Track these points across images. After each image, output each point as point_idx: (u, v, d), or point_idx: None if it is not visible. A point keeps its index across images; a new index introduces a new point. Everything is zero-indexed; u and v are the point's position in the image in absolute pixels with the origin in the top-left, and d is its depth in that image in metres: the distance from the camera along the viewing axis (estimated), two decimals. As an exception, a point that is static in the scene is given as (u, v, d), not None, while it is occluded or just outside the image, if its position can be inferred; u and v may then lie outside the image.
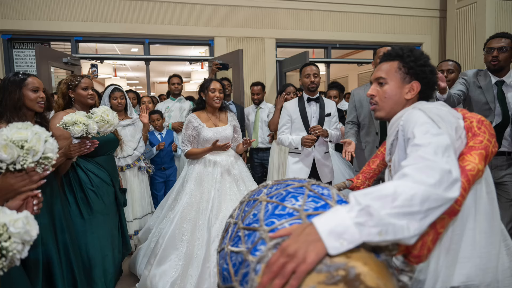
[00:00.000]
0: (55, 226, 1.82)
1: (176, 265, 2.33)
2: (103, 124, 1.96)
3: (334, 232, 0.73)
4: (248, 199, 0.99)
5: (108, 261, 2.22)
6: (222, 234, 0.99)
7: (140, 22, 4.89)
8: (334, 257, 0.72)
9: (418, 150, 0.91)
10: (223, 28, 5.18)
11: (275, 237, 0.79)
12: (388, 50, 1.29)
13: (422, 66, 1.20)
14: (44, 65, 4.16)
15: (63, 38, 4.87)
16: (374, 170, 1.68)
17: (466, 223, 1.11)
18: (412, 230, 0.76)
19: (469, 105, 2.62)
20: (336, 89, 4.18)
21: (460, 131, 1.12)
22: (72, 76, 2.28)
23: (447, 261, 1.10)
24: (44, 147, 1.17)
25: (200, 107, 2.73)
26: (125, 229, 2.49)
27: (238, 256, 0.85)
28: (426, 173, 0.82)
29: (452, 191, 0.83)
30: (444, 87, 2.02)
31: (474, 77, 2.60)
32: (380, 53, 2.61)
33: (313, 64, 2.89)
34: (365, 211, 0.75)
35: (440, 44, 6.06)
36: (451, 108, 1.18)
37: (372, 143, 2.69)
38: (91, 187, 2.18)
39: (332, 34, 5.62)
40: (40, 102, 1.83)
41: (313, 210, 0.86)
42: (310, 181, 1.00)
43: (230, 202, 2.48)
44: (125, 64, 8.73)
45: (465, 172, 1.04)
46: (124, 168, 3.07)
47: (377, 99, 1.26)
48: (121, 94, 3.09)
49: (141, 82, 12.13)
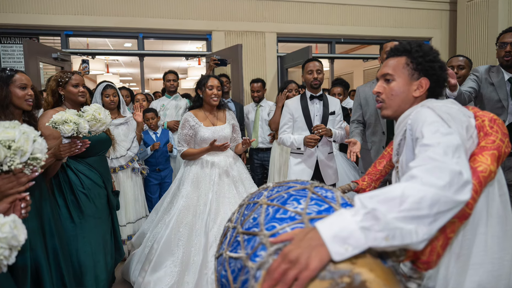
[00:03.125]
0: (44, 230, 1.81)
1: (172, 272, 2.33)
2: (95, 123, 1.95)
3: (339, 237, 0.73)
4: (248, 202, 1.00)
5: (100, 268, 2.22)
6: (220, 239, 0.99)
7: (134, 16, 4.89)
8: (338, 263, 0.72)
9: (427, 150, 0.91)
10: (221, 21, 5.18)
11: (276, 242, 0.79)
12: (396, 45, 1.29)
13: (431, 61, 1.20)
14: (32, 61, 4.16)
15: (52, 32, 4.87)
16: (381, 172, 1.68)
17: (478, 227, 1.11)
18: (420, 235, 0.76)
19: (480, 103, 2.62)
20: (340, 86, 4.18)
21: (471, 130, 1.12)
22: (62, 73, 2.28)
23: (458, 268, 1.10)
24: (32, 147, 1.17)
25: (197, 105, 2.73)
26: (118, 234, 2.49)
27: (237, 262, 0.85)
28: (436, 175, 0.82)
29: (463, 194, 0.83)
30: (455, 84, 2.02)
31: (486, 73, 2.60)
32: (387, 48, 2.61)
33: (316, 60, 2.89)
34: (371, 214, 0.75)
35: (450, 39, 6.06)
36: (461, 106, 1.18)
37: (378, 143, 2.69)
38: (82, 189, 2.18)
39: (337, 28, 5.62)
40: (28, 99, 1.83)
41: (316, 213, 0.86)
42: (313, 183, 1.00)
43: (228, 205, 2.48)
44: (118, 59, 8.73)
45: (477, 173, 1.04)
46: (117, 170, 3.07)
47: (383, 96, 1.26)
48: (114, 91, 3.09)
49: (135, 78, 12.14)
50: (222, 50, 4.88)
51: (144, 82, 5.60)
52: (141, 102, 4.09)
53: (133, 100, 4.25)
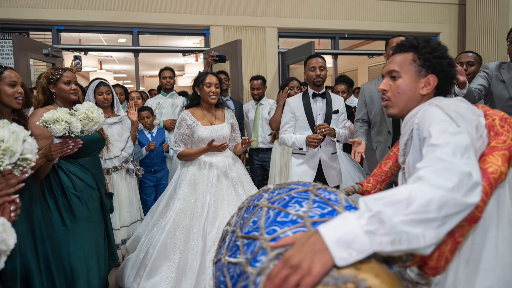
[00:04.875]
0: (34, 234, 1.82)
1: (168, 278, 2.34)
2: (88, 122, 1.96)
3: (342, 241, 0.73)
4: (248, 205, 1.00)
5: (93, 273, 2.22)
6: (218, 244, 0.99)
7: (128, 10, 4.88)
8: (342, 269, 0.72)
9: (434, 150, 0.92)
10: (219, 16, 5.18)
11: (277, 247, 0.79)
12: (402, 40, 1.29)
13: (439, 58, 1.20)
14: (22, 57, 4.16)
15: (43, 27, 4.87)
16: (386, 173, 1.68)
17: (488, 231, 1.11)
18: (428, 239, 0.76)
19: (491, 101, 2.62)
20: (344, 84, 4.18)
21: (481, 129, 1.12)
22: (53, 69, 2.28)
23: (467, 273, 1.10)
24: (22, 148, 1.17)
25: (194, 103, 2.73)
26: (112, 238, 2.50)
27: (237, 268, 0.85)
28: (444, 176, 0.82)
29: (473, 196, 0.83)
30: (464, 81, 2.02)
31: (496, 70, 2.60)
32: (393, 44, 2.61)
33: (319, 56, 2.89)
34: (376, 218, 0.75)
35: (459, 34, 6.06)
36: (471, 104, 1.18)
37: (384, 143, 2.69)
38: (74, 191, 2.19)
39: (340, 22, 5.61)
40: (18, 97, 1.84)
41: (319, 216, 0.86)
42: (315, 185, 1.00)
43: (227, 208, 2.49)
44: (112, 56, 8.73)
45: (487, 175, 1.04)
46: (111, 171, 3.07)
47: (389, 94, 1.27)
48: (107, 89, 3.09)
49: (130, 75, 12.13)
50: (220, 46, 4.88)
51: (139, 79, 5.60)
52: (136, 100, 4.09)
53: (128, 98, 4.25)
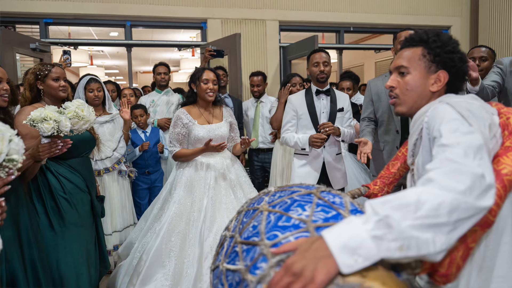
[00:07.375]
0: (21, 240, 1.82)
1: (163, 286, 2.34)
2: (77, 120, 1.96)
3: (348, 247, 0.73)
4: (247, 209, 1.00)
5: (83, 281, 2.22)
6: (216, 250, 0.99)
7: (120, 2, 4.88)
8: (347, 276, 0.72)
9: (445, 151, 0.92)
10: (217, 8, 5.18)
11: (278, 253, 0.80)
12: (411, 34, 1.29)
13: (450, 53, 1.20)
14: (8, 52, 4.17)
15: (30, 20, 4.87)
16: (394, 175, 1.68)
17: (502, 236, 1.11)
18: (438, 245, 0.76)
19: (505, 99, 2.62)
20: (349, 80, 4.18)
21: (494, 128, 1.12)
22: (41, 65, 2.28)
23: (480, 281, 1.10)
24: (8, 148, 1.17)
25: (190, 100, 2.73)
26: (103, 244, 2.50)
27: (235, 275, 0.85)
28: (455, 178, 0.82)
29: (486, 199, 0.83)
30: (476, 77, 2.02)
31: (511, 65, 2.60)
32: (401, 38, 2.61)
33: (322, 51, 2.89)
34: (383, 222, 0.75)
35: (471, 28, 6.06)
36: (484, 102, 1.18)
37: (391, 143, 2.69)
38: (63, 194, 2.18)
39: (345, 15, 5.62)
40: (3, 95, 1.84)
41: (323, 221, 0.86)
42: (319, 187, 1.00)
43: (225, 212, 2.49)
44: (103, 50, 8.74)
45: (501, 176, 1.04)
46: (102, 172, 3.07)
47: (397, 91, 1.27)
48: (98, 85, 3.10)
49: (122, 71, 12.14)
50: (218, 40, 4.88)
51: (132, 75, 5.60)
52: (129, 97, 4.09)
53: (120, 95, 4.25)
